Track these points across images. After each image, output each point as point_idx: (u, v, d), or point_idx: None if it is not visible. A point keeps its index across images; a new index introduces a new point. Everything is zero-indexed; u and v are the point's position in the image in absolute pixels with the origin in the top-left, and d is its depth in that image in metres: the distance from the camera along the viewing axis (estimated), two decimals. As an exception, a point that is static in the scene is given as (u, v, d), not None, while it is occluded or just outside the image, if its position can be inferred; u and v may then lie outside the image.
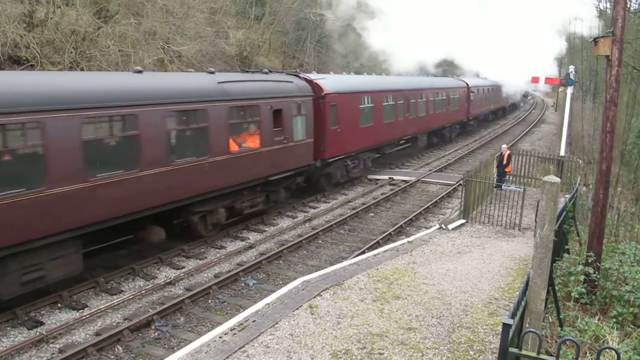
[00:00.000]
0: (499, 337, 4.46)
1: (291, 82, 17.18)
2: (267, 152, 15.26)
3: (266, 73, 17.10)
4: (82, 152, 9.92)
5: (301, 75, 18.51)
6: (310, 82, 18.10)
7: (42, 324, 9.29)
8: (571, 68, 21.07)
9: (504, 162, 17.93)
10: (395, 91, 24.80)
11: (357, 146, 20.80)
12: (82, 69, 19.60)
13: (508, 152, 18.14)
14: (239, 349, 7.24)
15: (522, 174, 19.48)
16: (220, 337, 7.62)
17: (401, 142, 26.47)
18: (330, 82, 19.33)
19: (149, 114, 11.33)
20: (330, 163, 19.11)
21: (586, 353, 6.86)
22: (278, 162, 15.83)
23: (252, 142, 14.86)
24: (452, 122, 34.37)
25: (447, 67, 42.30)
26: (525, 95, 71.66)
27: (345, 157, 20.18)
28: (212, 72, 14.55)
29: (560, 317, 7.65)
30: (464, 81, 37.06)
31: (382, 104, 23.14)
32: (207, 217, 13.73)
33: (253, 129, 14.84)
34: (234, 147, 14.04)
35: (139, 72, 12.31)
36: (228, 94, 13.77)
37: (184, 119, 12.51)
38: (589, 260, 8.79)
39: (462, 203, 14.69)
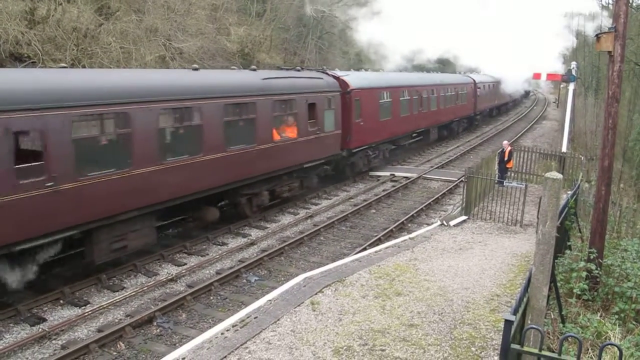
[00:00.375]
0: (501, 333, 4.45)
1: (321, 78, 18.57)
2: (304, 141, 16.91)
3: (299, 70, 18.36)
4: (159, 138, 11.53)
5: (328, 72, 19.78)
6: (337, 78, 19.49)
7: (44, 320, 9.31)
8: (573, 64, 21.03)
9: (505, 158, 17.91)
10: (410, 87, 25.99)
11: (377, 138, 22.13)
12: (83, 66, 19.62)
13: (509, 148, 18.11)
14: (241, 345, 7.25)
15: (523, 171, 19.44)
16: (222, 334, 7.64)
17: (414, 135, 27.66)
18: (355, 78, 20.69)
19: (210, 107, 12.93)
20: (355, 153, 20.53)
21: (588, 349, 6.86)
22: (312, 150, 17.44)
23: (291, 133, 16.49)
24: (460, 117, 35.62)
25: (443, 66, 42.57)
26: (527, 92, 72.58)
27: (367, 148, 21.45)
28: (254, 70, 16.14)
29: (563, 313, 7.66)
30: (471, 77, 38.35)
31: (399, 99, 24.36)
32: (252, 199, 15.23)
33: (292, 120, 16.52)
34: (276, 136, 15.65)
35: (196, 69, 13.92)
36: (271, 89, 15.32)
37: (237, 111, 14.10)
38: (591, 257, 8.80)
39: (464, 199, 14.68)
